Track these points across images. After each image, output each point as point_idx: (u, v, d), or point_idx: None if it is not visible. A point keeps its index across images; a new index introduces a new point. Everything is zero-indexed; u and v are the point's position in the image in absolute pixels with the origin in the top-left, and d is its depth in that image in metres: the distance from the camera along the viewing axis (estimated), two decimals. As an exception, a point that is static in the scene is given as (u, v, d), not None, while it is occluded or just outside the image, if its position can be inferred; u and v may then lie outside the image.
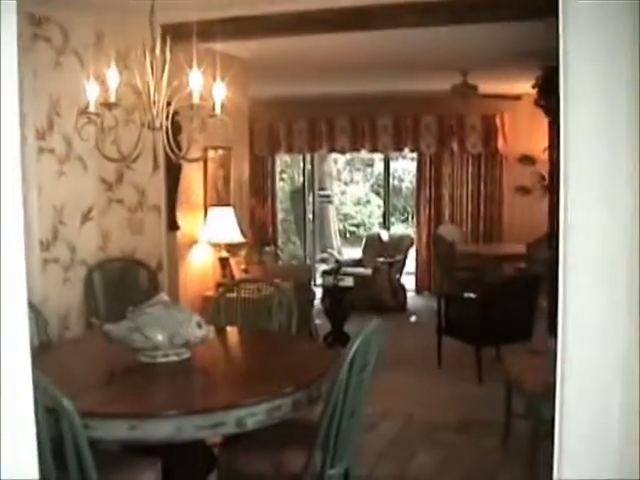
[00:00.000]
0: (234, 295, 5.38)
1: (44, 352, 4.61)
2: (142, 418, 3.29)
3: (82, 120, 3.92)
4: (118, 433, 3.27)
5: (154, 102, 3.82)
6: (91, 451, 3.27)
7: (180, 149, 4.33)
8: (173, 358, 4.04)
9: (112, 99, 3.80)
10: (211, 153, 7.56)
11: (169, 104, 3.91)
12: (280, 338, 4.90)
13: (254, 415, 3.40)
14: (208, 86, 3.98)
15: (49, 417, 3.08)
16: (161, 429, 3.29)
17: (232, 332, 5.10)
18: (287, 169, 18.14)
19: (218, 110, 3.95)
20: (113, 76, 3.79)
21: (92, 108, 3.87)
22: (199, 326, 4.08)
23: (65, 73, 5.86)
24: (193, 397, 3.59)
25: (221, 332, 5.01)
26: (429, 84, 10.80)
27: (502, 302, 7.63)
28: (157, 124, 3.85)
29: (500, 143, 12.31)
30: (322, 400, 3.60)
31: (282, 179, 17.61)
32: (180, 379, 3.93)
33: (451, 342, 7.94)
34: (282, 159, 16.55)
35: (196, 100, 3.75)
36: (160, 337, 3.97)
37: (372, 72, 9.87)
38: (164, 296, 4.22)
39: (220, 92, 3.95)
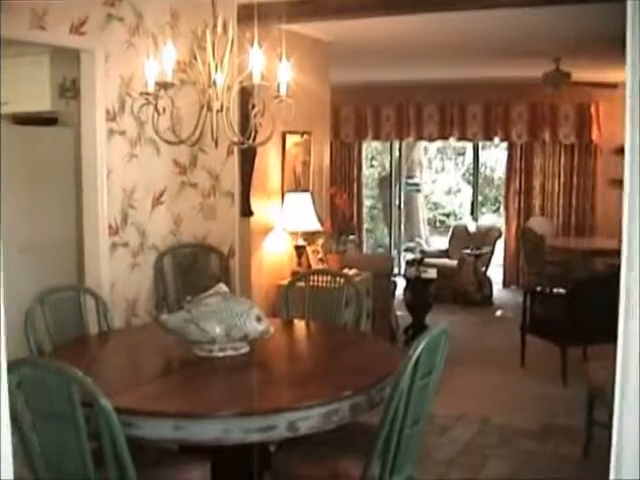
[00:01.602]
0: (304, 285, 5.14)
1: (100, 341, 4.48)
2: (188, 418, 3.09)
3: (140, 101, 3.73)
4: (162, 433, 3.08)
5: (214, 82, 3.60)
6: (139, 448, 3.11)
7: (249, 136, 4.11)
8: (230, 352, 3.85)
9: (169, 78, 3.59)
10: (289, 138, 7.34)
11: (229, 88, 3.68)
12: (346, 335, 4.67)
13: (307, 419, 3.17)
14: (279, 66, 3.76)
15: (90, 414, 2.91)
16: (207, 431, 3.09)
17: (297, 326, 4.87)
18: (377, 156, 17.89)
19: (283, 91, 3.70)
20: (170, 54, 3.58)
21: (150, 88, 3.68)
22: (258, 320, 3.88)
23: (138, 54, 5.70)
24: (243, 397, 3.36)
25: (286, 325, 4.81)
26: (520, 71, 10.43)
27: (592, 300, 7.22)
28: (217, 106, 3.63)
29: (594, 133, 11.84)
30: (384, 405, 3.35)
31: (372, 166, 17.40)
32: (234, 376, 3.72)
33: (537, 340, 7.59)
34: (372, 146, 16.36)
35: (257, 80, 3.52)
36: (217, 330, 3.78)
37: (461, 57, 9.57)
38: (223, 287, 4.02)
39: (285, 72, 3.70)
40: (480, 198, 14.39)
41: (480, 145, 13.90)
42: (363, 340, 4.52)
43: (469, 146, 16.34)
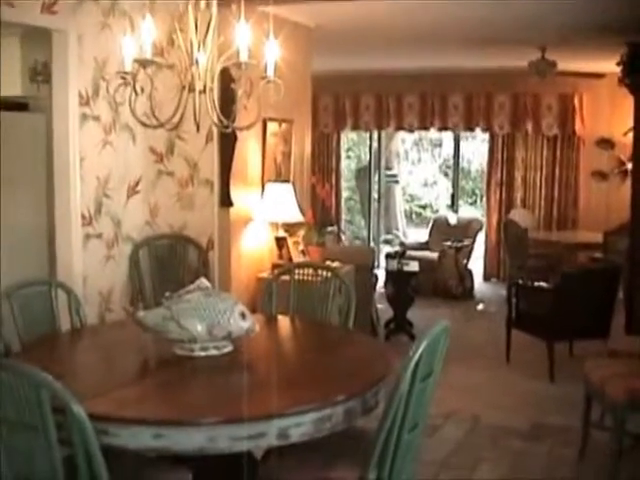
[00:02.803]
0: (288, 279, 4.87)
1: (73, 339, 4.21)
2: (169, 426, 2.82)
3: (116, 82, 3.47)
4: (141, 441, 2.80)
5: (196, 61, 3.34)
6: (116, 455, 2.85)
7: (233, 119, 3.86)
8: (213, 352, 3.59)
9: (148, 55, 3.32)
10: (270, 126, 7.07)
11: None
12: (335, 332, 4.41)
13: (299, 425, 2.91)
14: (262, 49, 3.51)
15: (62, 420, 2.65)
16: (191, 439, 2.82)
17: (283, 322, 4.61)
18: (354, 147, 17.70)
19: (270, 72, 3.44)
20: (149, 29, 3.31)
21: (128, 67, 3.41)
22: (243, 317, 3.63)
23: (114, 35, 5.43)
24: (229, 402, 3.08)
25: (271, 321, 4.56)
26: (504, 60, 10.25)
27: (578, 294, 7.05)
28: (200, 86, 3.36)
29: (577, 125, 11.66)
30: (379, 408, 3.11)
31: (348, 157, 17.21)
32: (218, 377, 3.46)
33: (521, 335, 7.39)
34: (349, 136, 16.16)
35: (244, 58, 3.25)
36: (198, 328, 3.52)
37: (443, 46, 9.39)
38: (204, 282, 3.75)
39: (273, 52, 3.44)
40: (459, 189, 14.17)
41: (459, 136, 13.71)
42: (353, 338, 4.25)
43: (446, 138, 16.22)
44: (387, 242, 14.81)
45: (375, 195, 14.39)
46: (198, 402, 3.10)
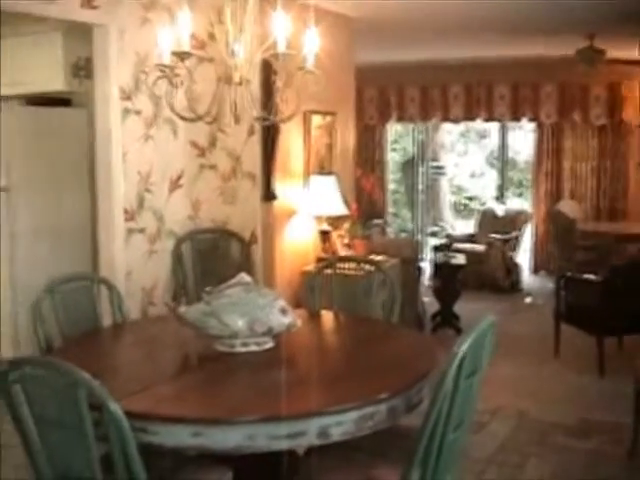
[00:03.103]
0: (332, 273, 4.80)
1: (114, 335, 4.19)
2: (207, 424, 2.77)
3: (155, 74, 3.43)
4: (179, 440, 2.76)
5: (232, 52, 3.28)
6: (154, 452, 2.81)
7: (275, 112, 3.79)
8: (253, 348, 3.54)
9: (185, 48, 3.27)
10: (313, 118, 7.00)
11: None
12: (379, 327, 4.33)
13: (341, 424, 2.84)
14: (303, 41, 3.44)
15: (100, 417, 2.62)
16: (229, 437, 2.76)
17: (326, 317, 4.55)
18: (400, 139, 17.56)
19: (310, 63, 3.37)
20: (186, 21, 3.26)
21: (166, 60, 3.37)
22: (284, 312, 3.58)
23: (154, 30, 5.39)
24: (269, 399, 3.02)
25: (314, 317, 4.50)
26: (551, 49, 10.06)
27: (629, 287, 6.89)
28: (237, 78, 3.30)
29: (626, 114, 11.41)
30: (424, 405, 3.03)
31: (394, 149, 17.08)
32: (258, 374, 3.40)
33: (570, 328, 7.24)
34: (394, 129, 16.04)
35: (282, 48, 3.18)
36: (238, 323, 3.48)
37: (489, 35, 9.23)
38: (245, 277, 3.70)
39: (312, 42, 3.37)
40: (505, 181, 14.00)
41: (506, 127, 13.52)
42: (397, 333, 4.18)
43: (493, 129, 16.02)
44: (433, 234, 14.71)
45: (420, 187, 14.25)
46: (237, 399, 3.04)
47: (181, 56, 3.31)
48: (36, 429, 2.73)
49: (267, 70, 3.90)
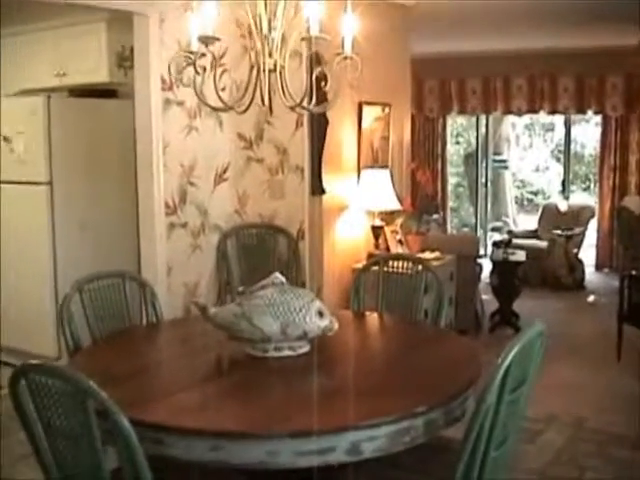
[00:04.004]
0: (379, 271, 4.56)
1: (143, 335, 4.01)
2: (228, 438, 2.57)
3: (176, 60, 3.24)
4: (197, 453, 2.56)
5: (265, 38, 3.06)
6: (169, 464, 2.63)
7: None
8: (287, 352, 3.33)
9: (211, 33, 3.07)
10: (366, 110, 6.76)
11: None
12: (424, 331, 4.09)
13: (373, 440, 2.62)
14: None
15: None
16: (251, 453, 2.56)
17: (368, 319, 4.31)
18: (463, 132, 17.26)
19: (348, 49, 3.13)
20: (210, 3, 3.06)
21: (194, 47, 3.17)
22: (320, 315, 3.35)
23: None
24: (296, 411, 2.78)
25: (356, 318, 4.27)
26: (616, 39, 9.69)
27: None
28: (270, 65, 3.09)
29: (698, 105, 10.98)
30: (465, 419, 2.79)
31: (458, 142, 16.81)
32: (286, 382, 3.19)
33: (635, 330, 6.89)
34: (458, 121, 15.77)
35: (314, 32, 2.95)
36: (272, 327, 3.27)
37: (552, 24, 8.91)
38: (279, 277, 3.48)
39: (350, 24, 3.13)
40: (570, 176, 13.60)
41: (571, 120, 13.12)
42: (443, 338, 3.91)
43: (558, 122, 15.68)
44: (495, 229, 14.40)
45: (483, 181, 13.95)
46: (262, 411, 2.81)
47: (205, 41, 3.11)
48: (45, 437, 2.57)
49: (316, 60, 3.71)
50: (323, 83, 3.31)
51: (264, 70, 3.12)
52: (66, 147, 5.99)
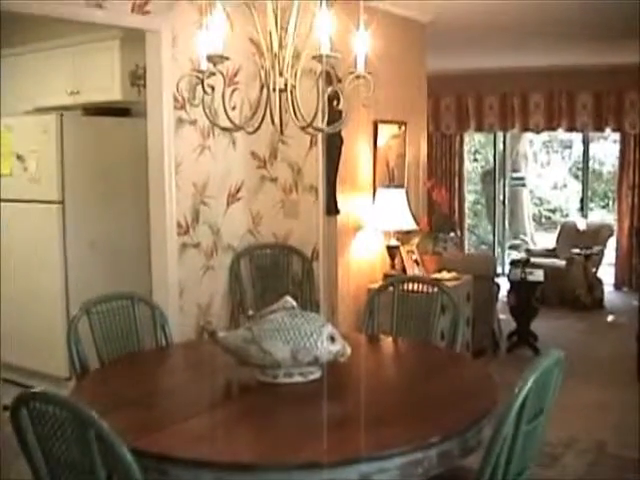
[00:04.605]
0: (394, 293, 4.48)
1: (151, 359, 3.93)
2: (233, 470, 2.48)
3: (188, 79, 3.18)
4: (200, 485, 2.49)
5: (276, 56, 3.00)
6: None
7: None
8: (297, 379, 3.25)
9: (221, 51, 3.01)
10: (382, 128, 6.68)
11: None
12: (439, 355, 3.99)
13: (384, 472, 2.53)
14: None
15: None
16: (255, 485, 2.48)
17: (382, 343, 4.23)
18: (481, 149, 17.17)
19: (361, 67, 3.06)
20: (219, 22, 3.00)
21: (204, 66, 3.11)
22: (332, 340, 3.27)
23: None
24: (303, 442, 2.69)
25: (370, 342, 4.18)
26: (635, 56, 9.56)
27: None
28: (281, 84, 3.02)
29: None
30: (480, 449, 2.69)
31: (475, 160, 16.71)
32: (297, 410, 3.09)
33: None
34: (475, 138, 15.68)
35: (325, 50, 2.88)
36: (282, 352, 3.19)
37: (570, 41, 8.83)
38: (290, 301, 3.41)
39: (363, 42, 3.06)
40: (588, 193, 13.48)
41: (589, 137, 13.01)
42: (458, 364, 3.81)
43: (577, 139, 15.56)
44: (513, 247, 14.28)
45: (501, 198, 13.84)
46: (271, 441, 2.72)
47: (213, 60, 3.04)
48: (46, 467, 2.50)
49: (329, 79, 3.63)
50: (336, 102, 3.23)
51: (274, 89, 3.05)
52: (78, 166, 5.94)
